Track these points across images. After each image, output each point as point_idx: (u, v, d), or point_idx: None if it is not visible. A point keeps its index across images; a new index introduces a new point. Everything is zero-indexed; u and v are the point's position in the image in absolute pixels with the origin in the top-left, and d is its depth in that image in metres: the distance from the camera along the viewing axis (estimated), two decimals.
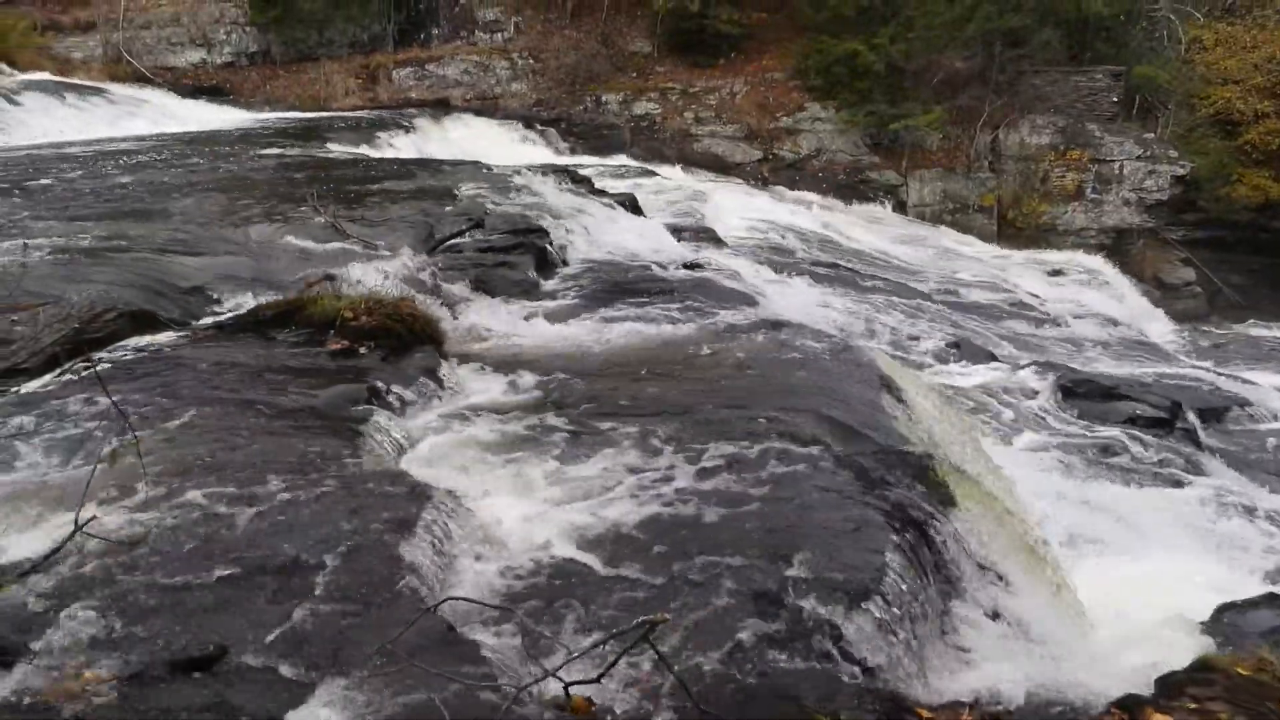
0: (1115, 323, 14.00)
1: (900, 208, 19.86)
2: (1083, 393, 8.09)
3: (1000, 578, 3.88)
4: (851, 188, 19.95)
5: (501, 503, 3.64)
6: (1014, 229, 19.68)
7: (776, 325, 6.30)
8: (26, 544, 2.81)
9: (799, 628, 2.77)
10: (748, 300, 7.48)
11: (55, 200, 8.58)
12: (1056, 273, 17.14)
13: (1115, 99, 20.27)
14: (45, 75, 18.92)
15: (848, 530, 3.46)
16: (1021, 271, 15.94)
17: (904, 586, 3.21)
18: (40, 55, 20.76)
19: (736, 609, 2.84)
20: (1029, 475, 6.24)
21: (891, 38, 19.43)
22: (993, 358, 9.15)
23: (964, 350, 9.15)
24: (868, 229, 16.49)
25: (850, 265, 11.95)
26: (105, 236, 6.96)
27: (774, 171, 20.23)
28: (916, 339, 9.12)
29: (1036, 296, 14.30)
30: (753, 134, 20.61)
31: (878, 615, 2.93)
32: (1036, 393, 8.08)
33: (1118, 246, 19.52)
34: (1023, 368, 8.74)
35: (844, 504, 3.69)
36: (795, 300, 8.05)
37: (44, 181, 9.63)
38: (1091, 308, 14.64)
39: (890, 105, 19.61)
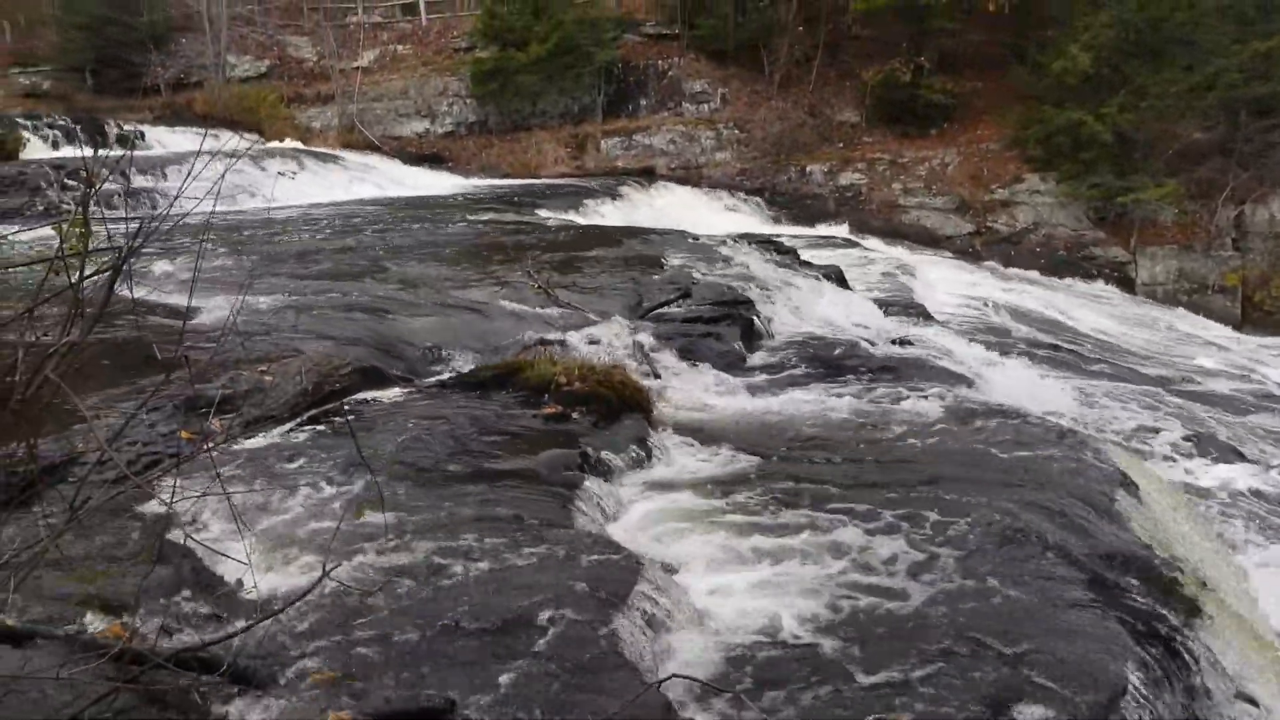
0: None
1: (1127, 286, 18.56)
2: None
3: (1252, 702, 3.53)
4: (1073, 264, 18.87)
5: (711, 577, 3.61)
6: (1262, 312, 17.92)
7: (994, 409, 5.99)
8: (280, 583, 3.04)
9: None
10: (961, 380, 7.14)
11: (294, 259, 9.42)
12: None
13: None
14: (289, 143, 21.04)
15: (1083, 637, 3.21)
16: (1273, 360, 14.40)
17: (1149, 705, 2.94)
18: (285, 125, 23.21)
19: (970, 715, 2.65)
20: None
21: (1120, 106, 18.41)
22: (1240, 456, 8.28)
23: (1205, 445, 8.33)
24: (1091, 308, 15.47)
25: (1072, 347, 11.21)
26: (337, 294, 7.54)
27: (987, 245, 19.48)
28: (1150, 430, 8.39)
29: None
30: (964, 206, 19.98)
31: None
32: None
33: None
34: (1275, 468, 7.88)
35: (1077, 608, 3.43)
36: (1013, 383, 7.59)
37: (285, 240, 10.63)
38: None
39: (1118, 177, 18.51)
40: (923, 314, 10.19)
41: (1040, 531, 4.04)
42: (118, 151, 13.67)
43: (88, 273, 2.30)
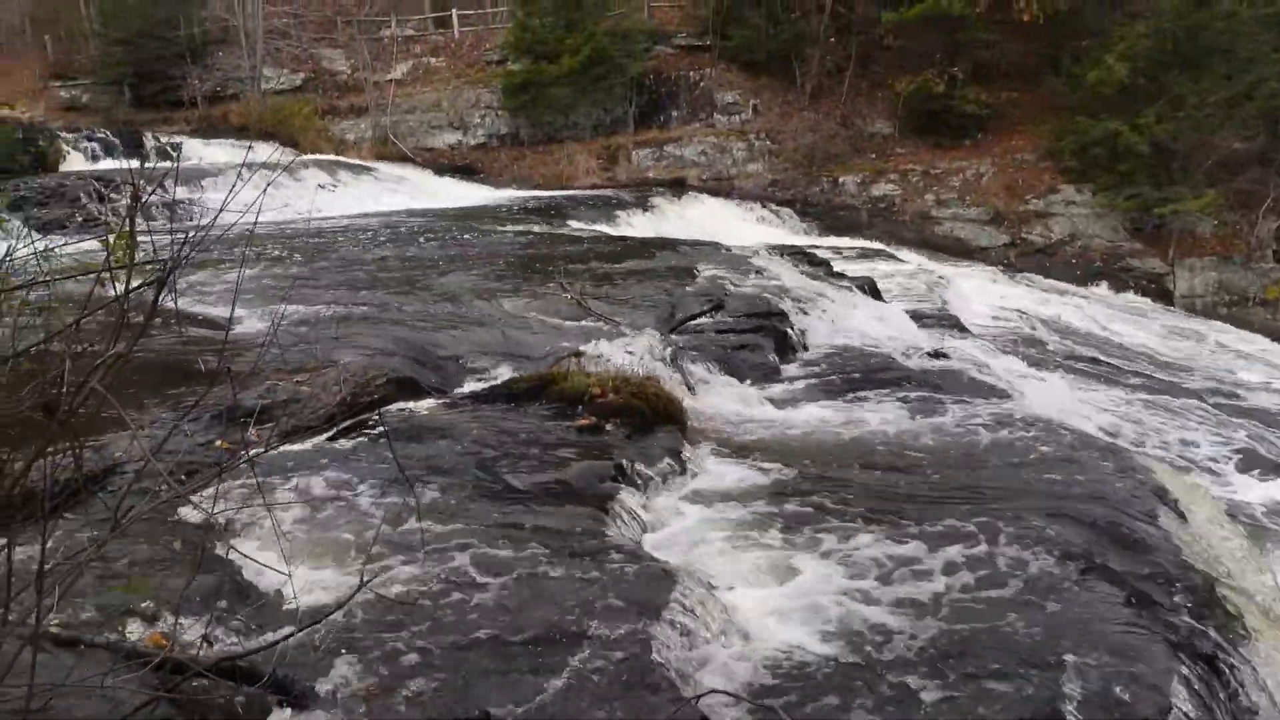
0: None
1: (1165, 298, 18.29)
2: None
3: None
4: (1109, 275, 18.63)
5: (747, 591, 3.59)
6: None
7: (1031, 422, 5.91)
8: (318, 593, 3.05)
9: None
10: (997, 393, 7.05)
11: (329, 270, 9.51)
12: None
13: None
14: (323, 155, 21.28)
15: (1125, 655, 3.16)
16: None
17: None
18: (319, 137, 23.50)
19: None
20: None
21: (1158, 117, 18.16)
22: None
23: (1249, 460, 8.16)
24: (1128, 320, 15.25)
25: (1110, 360, 11.05)
26: (371, 305, 7.60)
27: (1021, 257, 19.28)
28: (1191, 445, 8.24)
29: None
30: (999, 217, 19.81)
31: None
32: None
33: None
34: None
35: (1118, 625, 3.38)
36: (1050, 396, 7.48)
37: (319, 251, 10.74)
38: None
39: (1155, 188, 18.27)
40: (957, 326, 10.09)
41: (1081, 547, 3.98)
42: (164, 164, 13.90)
43: (133, 284, 2.33)
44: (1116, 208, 18.84)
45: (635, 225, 16.70)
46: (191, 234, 2.38)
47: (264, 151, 15.96)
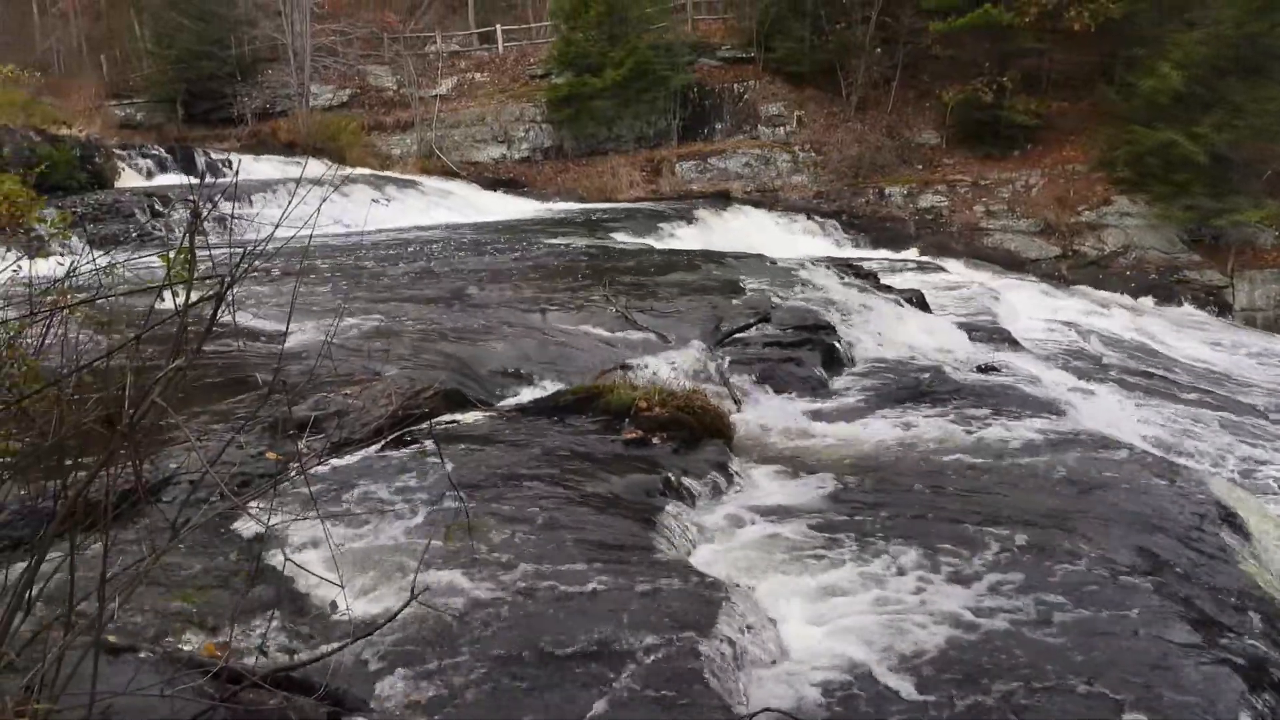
0: None
1: (1224, 311, 17.83)
2: None
3: None
4: (1165, 288, 18.22)
5: (796, 608, 3.55)
6: None
7: (1085, 438, 5.78)
8: (367, 607, 3.07)
9: None
10: (1050, 408, 6.90)
11: (376, 283, 9.61)
12: None
13: None
14: (369, 170, 21.57)
15: (1193, 683, 3.06)
16: None
17: None
18: (365, 152, 23.87)
19: None
20: None
21: (1215, 125, 17.72)
22: None
23: None
24: (1185, 334, 14.87)
25: (1167, 374, 10.78)
26: (417, 318, 7.65)
27: (1073, 269, 18.94)
28: (1252, 462, 7.98)
29: None
30: (1050, 229, 19.48)
31: None
32: None
33: None
34: None
35: (1184, 651, 3.27)
36: (1104, 411, 7.31)
37: (367, 265, 10.86)
38: None
39: (1213, 199, 17.82)
40: (1008, 339, 9.92)
41: (1140, 567, 3.88)
42: (221, 180, 14.20)
43: (193, 299, 2.36)
44: (1172, 219, 18.43)
45: (679, 237, 16.67)
46: (248, 249, 2.41)
47: (314, 168, 16.24)
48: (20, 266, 2.87)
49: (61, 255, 2.78)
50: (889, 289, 10.70)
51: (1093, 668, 3.06)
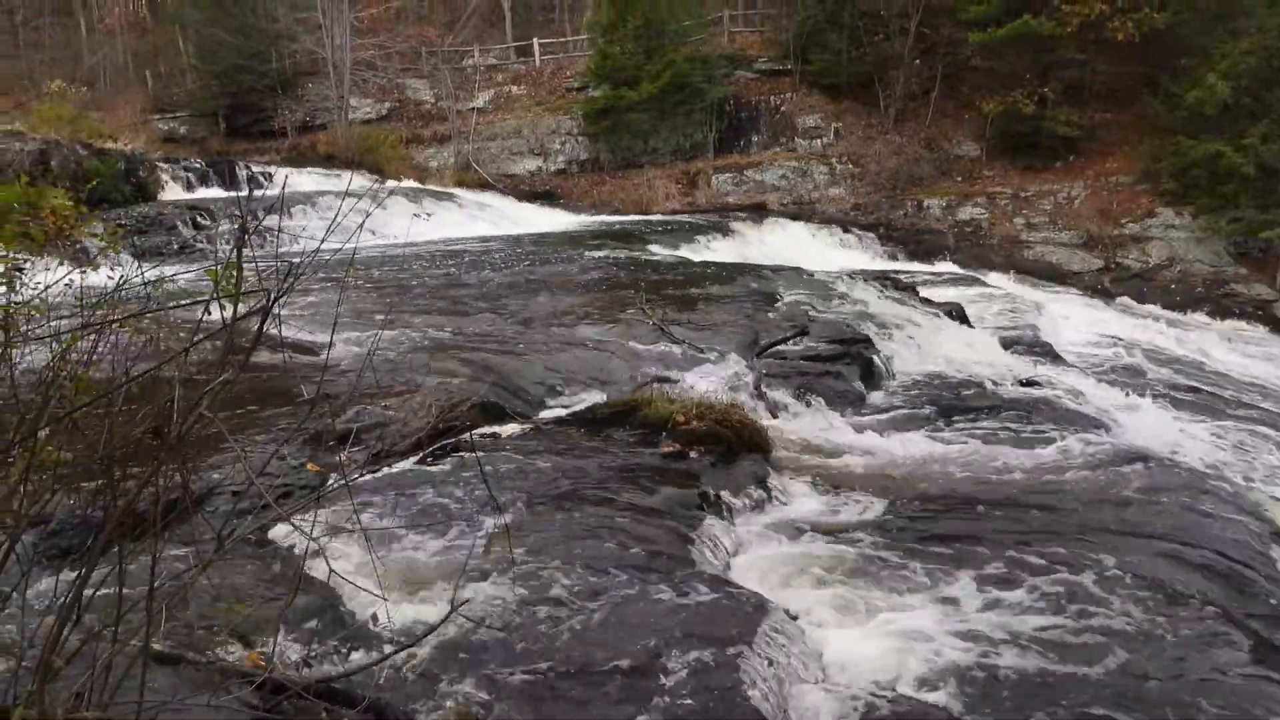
0: None
1: (1273, 325, 17.44)
2: None
3: None
4: (1212, 301, 17.88)
5: (834, 624, 3.52)
6: None
7: (1130, 454, 5.67)
8: (411, 616, 3.08)
9: None
10: (1094, 424, 6.80)
11: (415, 295, 9.69)
12: None
13: None
14: (407, 183, 21.77)
15: (1251, 706, 2.96)
16: None
17: None
18: (404, 165, 24.11)
19: None
20: None
21: (1264, 136, 17.39)
22: None
23: None
24: (1233, 348, 14.56)
25: (1214, 389, 10.54)
26: (454, 330, 7.69)
27: (1116, 282, 18.64)
28: None
29: None
30: (1092, 241, 19.20)
31: None
32: None
33: None
34: None
35: (1239, 672, 3.20)
36: (1150, 427, 7.17)
37: (406, 277, 10.95)
38: None
39: (1261, 211, 17.49)
40: (1050, 353, 9.77)
41: (1190, 587, 3.79)
42: (268, 193, 14.42)
43: (240, 312, 2.39)
44: (1219, 231, 18.09)
45: (716, 250, 16.64)
46: (295, 264, 2.43)
47: (355, 181, 16.43)
48: (72, 280, 2.92)
49: (111, 269, 2.82)
50: (928, 302, 10.60)
51: (1144, 689, 3.01)
